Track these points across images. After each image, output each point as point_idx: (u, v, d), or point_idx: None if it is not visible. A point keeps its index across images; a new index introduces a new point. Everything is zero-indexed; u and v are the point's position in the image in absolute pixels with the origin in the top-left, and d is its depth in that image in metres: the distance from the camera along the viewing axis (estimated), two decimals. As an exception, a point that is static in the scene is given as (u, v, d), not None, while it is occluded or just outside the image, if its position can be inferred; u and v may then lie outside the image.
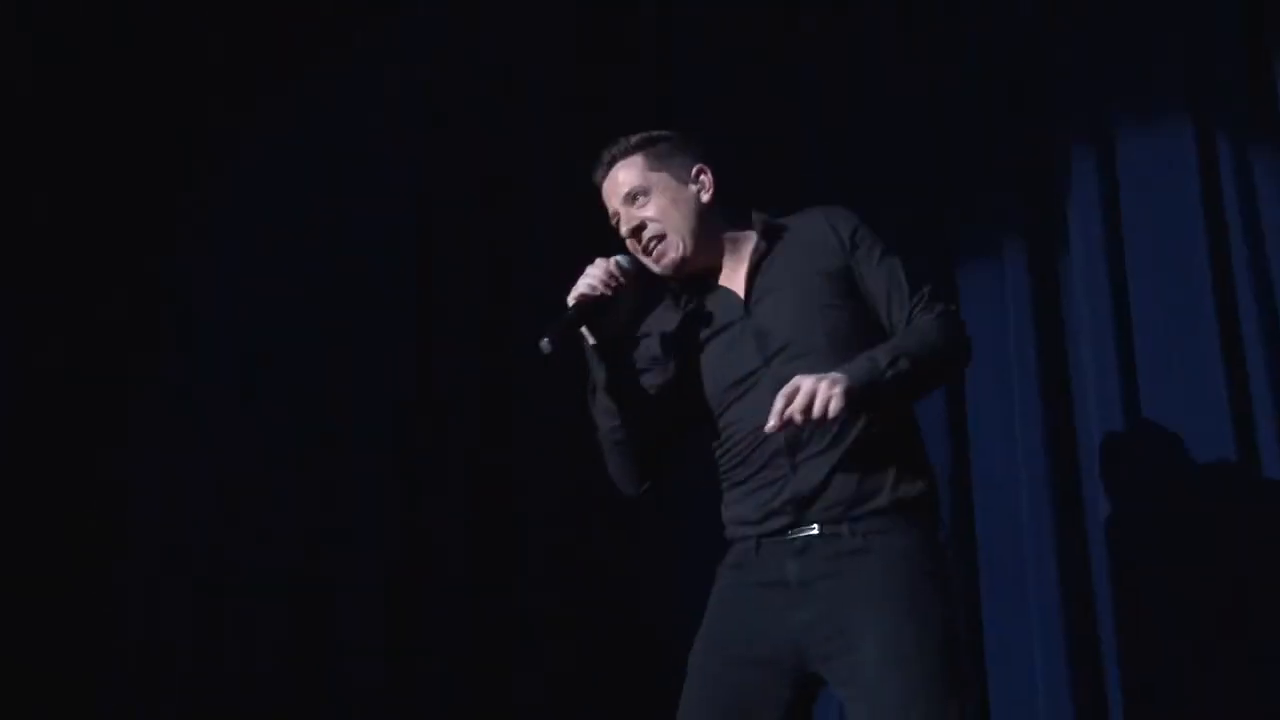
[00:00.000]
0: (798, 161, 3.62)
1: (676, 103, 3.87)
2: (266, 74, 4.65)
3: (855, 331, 2.34)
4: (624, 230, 2.47)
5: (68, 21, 4.52)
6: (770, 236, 2.46)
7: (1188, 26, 3.11)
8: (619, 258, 2.39)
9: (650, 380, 2.48)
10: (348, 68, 4.63)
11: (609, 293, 2.34)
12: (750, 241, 2.48)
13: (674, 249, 2.44)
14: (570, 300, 2.34)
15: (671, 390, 2.46)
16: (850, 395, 2.13)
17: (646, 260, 2.46)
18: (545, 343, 2.22)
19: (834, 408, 2.11)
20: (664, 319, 2.54)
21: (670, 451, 2.50)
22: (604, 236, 2.55)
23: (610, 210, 2.50)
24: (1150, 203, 3.06)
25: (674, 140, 2.52)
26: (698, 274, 2.49)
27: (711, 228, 2.48)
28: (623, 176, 2.48)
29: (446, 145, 4.32)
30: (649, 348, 2.53)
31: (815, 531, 2.25)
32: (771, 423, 2.14)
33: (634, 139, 2.51)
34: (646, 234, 2.45)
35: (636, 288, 2.40)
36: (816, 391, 2.11)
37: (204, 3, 4.55)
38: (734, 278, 2.47)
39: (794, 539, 2.27)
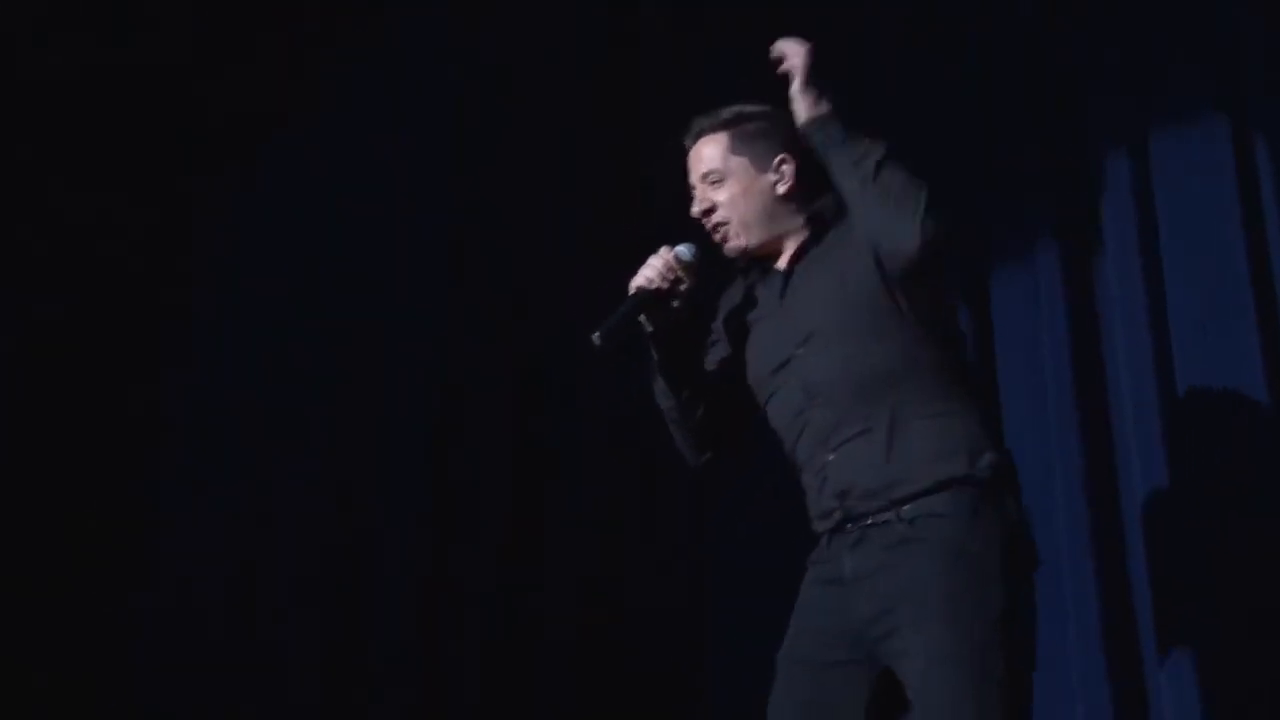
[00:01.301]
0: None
1: (678, 102, 3.87)
2: (282, 73, 4.64)
3: (884, 316, 2.29)
4: (694, 209, 2.47)
5: (73, 16, 4.51)
6: (817, 226, 2.44)
7: (1217, 21, 3.08)
8: (681, 248, 2.39)
9: (714, 356, 2.49)
10: (351, 69, 4.63)
11: (665, 286, 2.36)
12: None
13: (737, 238, 2.43)
14: (630, 291, 2.36)
15: (730, 368, 2.46)
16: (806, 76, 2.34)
17: (714, 237, 2.46)
18: (596, 337, 2.26)
19: (795, 63, 2.34)
20: (732, 295, 2.54)
21: (735, 427, 2.50)
22: (613, 238, 2.57)
23: (690, 180, 2.49)
24: (1185, 201, 3.02)
25: (765, 122, 2.47)
26: (766, 256, 2.47)
27: (782, 218, 2.44)
28: (706, 153, 2.46)
29: (462, 146, 4.32)
30: (716, 325, 2.54)
31: (868, 523, 2.22)
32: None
33: (725, 114, 2.48)
34: (713, 218, 2.44)
35: (697, 277, 2.40)
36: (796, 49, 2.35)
37: (210, 4, 4.55)
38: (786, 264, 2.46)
39: (850, 531, 2.24)
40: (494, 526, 3.95)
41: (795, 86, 2.38)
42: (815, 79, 2.36)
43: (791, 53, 2.39)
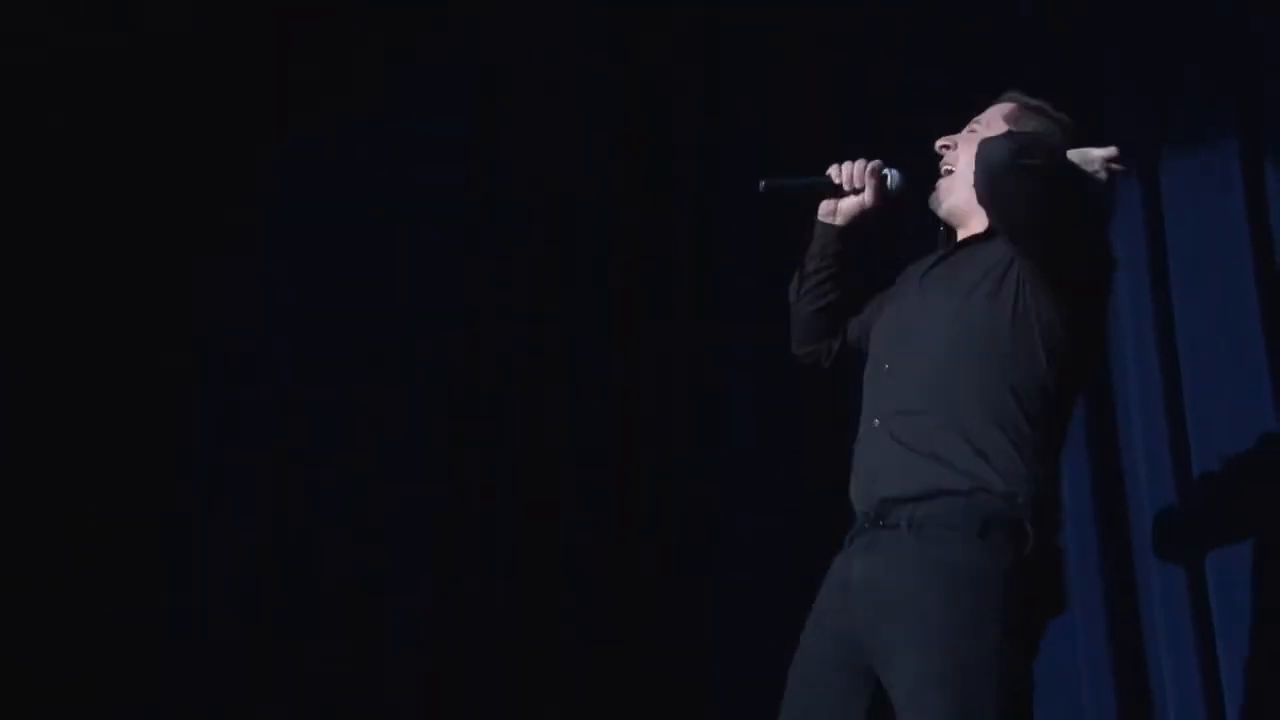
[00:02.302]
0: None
1: (678, 102, 3.89)
2: (282, 80, 4.65)
3: (999, 319, 2.21)
4: (940, 139, 2.49)
5: (74, 15, 4.51)
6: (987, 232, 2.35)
7: (1228, 34, 3.05)
8: (889, 170, 2.49)
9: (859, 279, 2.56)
10: (382, 81, 4.64)
11: (845, 189, 2.47)
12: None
13: (945, 193, 2.44)
14: (826, 171, 2.48)
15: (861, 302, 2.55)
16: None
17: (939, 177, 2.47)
18: (763, 184, 2.44)
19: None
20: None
21: (835, 342, 2.58)
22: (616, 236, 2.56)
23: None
24: (1193, 219, 3.00)
25: (1050, 124, 2.43)
26: (948, 224, 2.48)
27: None
28: (991, 111, 2.48)
29: (493, 153, 4.32)
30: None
31: (880, 527, 2.17)
32: None
33: (1036, 100, 2.49)
34: (945, 159, 2.46)
35: (884, 202, 2.48)
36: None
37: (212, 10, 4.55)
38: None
39: (865, 535, 2.21)
40: (501, 528, 3.96)
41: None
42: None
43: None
